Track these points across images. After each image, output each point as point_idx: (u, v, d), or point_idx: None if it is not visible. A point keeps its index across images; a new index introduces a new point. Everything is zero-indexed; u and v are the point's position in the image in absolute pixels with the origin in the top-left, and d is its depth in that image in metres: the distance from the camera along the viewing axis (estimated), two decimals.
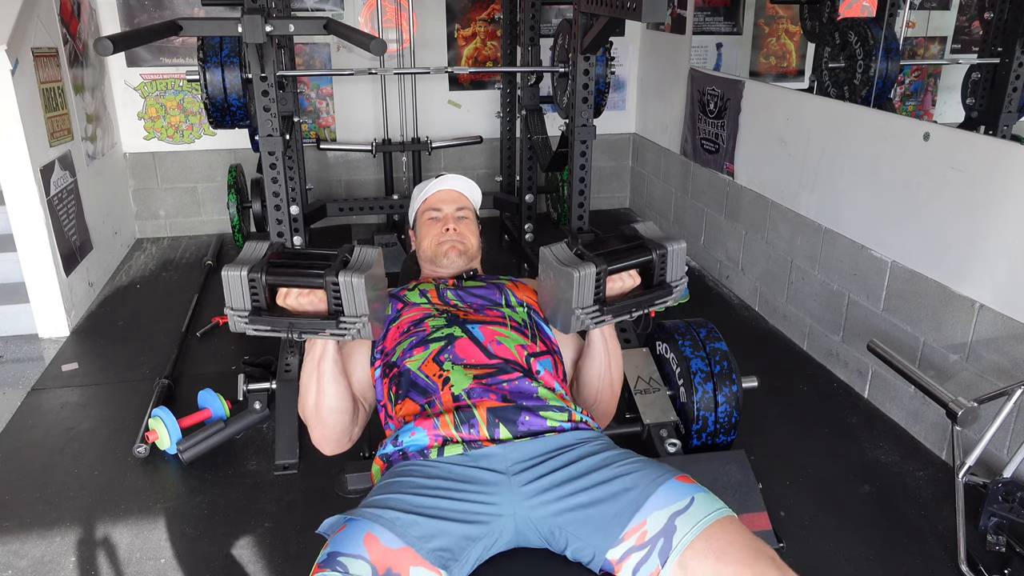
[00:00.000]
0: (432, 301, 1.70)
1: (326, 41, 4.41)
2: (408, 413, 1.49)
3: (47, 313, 3.33)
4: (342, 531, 1.25)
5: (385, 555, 1.21)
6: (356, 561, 1.19)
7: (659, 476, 1.32)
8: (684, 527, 1.22)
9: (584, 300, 1.47)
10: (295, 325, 1.38)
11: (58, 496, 2.31)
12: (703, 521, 1.23)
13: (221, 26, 2.68)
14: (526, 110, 3.67)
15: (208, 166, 4.56)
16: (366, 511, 1.29)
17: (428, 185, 1.96)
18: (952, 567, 2.02)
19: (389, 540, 1.22)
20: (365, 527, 1.24)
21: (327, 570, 1.18)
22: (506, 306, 1.70)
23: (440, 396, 1.47)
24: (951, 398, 2.03)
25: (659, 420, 2.28)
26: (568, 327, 1.55)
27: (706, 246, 4.04)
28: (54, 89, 3.43)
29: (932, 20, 3.77)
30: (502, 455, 1.37)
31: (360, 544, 1.21)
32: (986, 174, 2.26)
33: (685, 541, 1.21)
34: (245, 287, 1.34)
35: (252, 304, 1.37)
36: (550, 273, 1.52)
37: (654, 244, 1.51)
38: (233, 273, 1.34)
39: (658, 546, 1.22)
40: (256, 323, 1.37)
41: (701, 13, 4.06)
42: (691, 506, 1.25)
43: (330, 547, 1.23)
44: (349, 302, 1.35)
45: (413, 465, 1.39)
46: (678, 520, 1.24)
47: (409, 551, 1.22)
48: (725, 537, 1.22)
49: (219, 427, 2.49)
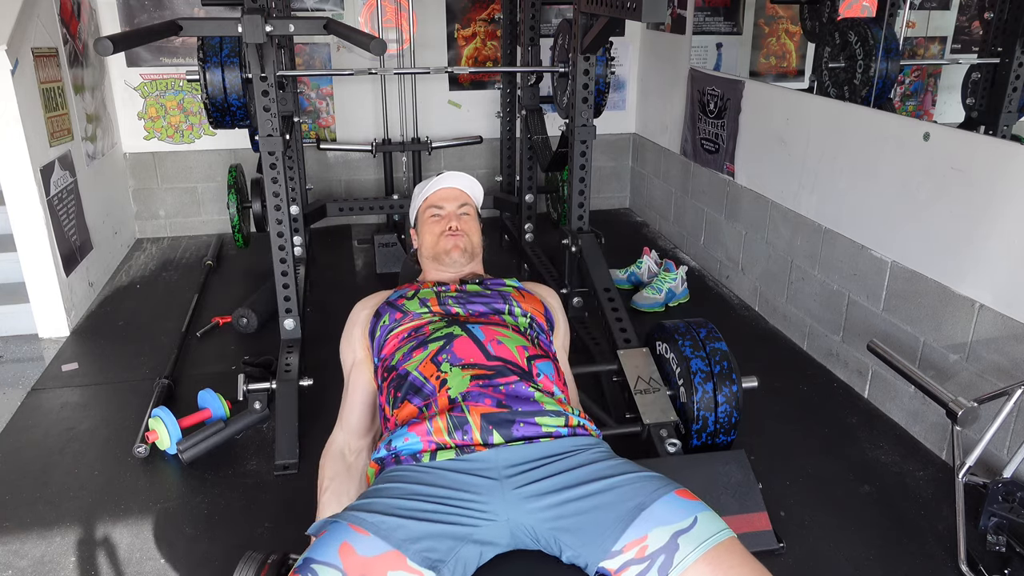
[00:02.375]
0: (433, 310, 1.69)
1: (326, 41, 4.41)
2: (407, 417, 1.48)
3: (47, 313, 3.33)
4: (321, 536, 1.26)
5: (361, 564, 1.21)
6: (328, 569, 1.19)
7: (658, 488, 1.31)
8: (687, 547, 1.22)
9: None
10: None
11: (58, 496, 2.31)
12: (707, 542, 1.23)
13: (221, 26, 2.68)
14: (526, 110, 3.68)
15: (208, 166, 4.56)
16: (350, 514, 1.29)
17: (430, 183, 1.95)
18: (952, 567, 2.02)
19: (368, 547, 1.22)
20: (343, 535, 1.24)
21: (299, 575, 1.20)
22: (508, 314, 1.69)
23: (436, 399, 1.46)
24: (951, 398, 2.03)
25: (659, 420, 2.28)
26: None
27: (706, 246, 4.04)
28: (54, 89, 3.43)
29: (932, 20, 3.77)
30: (494, 459, 1.36)
31: (335, 553, 1.22)
32: (986, 174, 2.26)
33: (688, 561, 1.21)
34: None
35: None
36: None
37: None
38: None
39: (658, 562, 1.22)
40: None
41: (701, 13, 4.06)
42: (695, 526, 1.25)
43: (308, 552, 1.24)
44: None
45: (405, 470, 1.39)
46: (681, 539, 1.23)
47: (394, 554, 1.22)
48: (728, 560, 1.22)
49: (219, 427, 2.49)
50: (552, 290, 1.92)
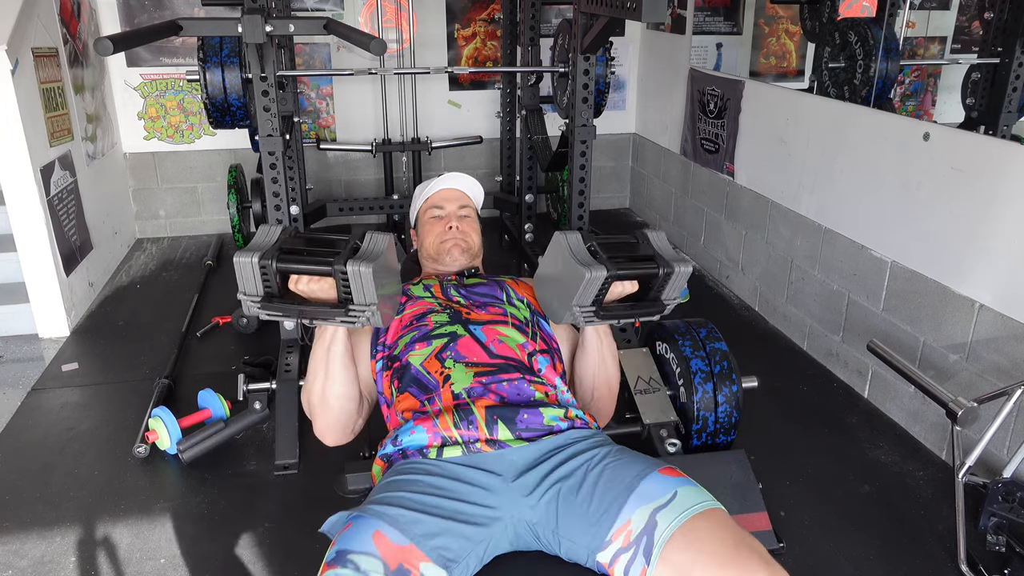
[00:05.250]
0: (436, 296, 1.71)
1: (326, 41, 4.41)
2: (407, 408, 1.50)
3: (47, 313, 3.33)
4: (349, 529, 1.25)
5: (395, 552, 1.20)
6: (366, 558, 1.18)
7: (642, 470, 1.30)
8: (664, 522, 1.21)
9: (584, 300, 1.47)
10: (304, 312, 1.40)
11: (58, 496, 2.31)
12: (684, 514, 1.21)
13: (221, 26, 2.68)
14: (526, 110, 3.67)
15: (208, 166, 4.56)
16: (371, 508, 1.29)
17: (430, 184, 1.96)
18: (952, 567, 2.02)
19: (396, 537, 1.22)
20: (373, 524, 1.24)
21: (337, 567, 1.18)
22: (508, 303, 1.70)
23: (440, 393, 1.48)
24: (951, 398, 2.02)
25: (659, 420, 2.28)
26: (559, 319, 1.56)
27: (706, 246, 4.04)
28: (54, 89, 3.43)
29: (932, 20, 3.77)
30: (500, 459, 1.37)
31: (369, 541, 1.21)
32: (986, 174, 2.26)
33: (665, 536, 1.19)
34: (257, 273, 1.35)
35: (264, 290, 1.37)
36: (558, 261, 1.52)
37: (664, 262, 1.51)
38: (244, 259, 1.34)
39: (642, 544, 1.21)
40: (267, 308, 1.38)
41: (701, 13, 4.06)
42: (673, 500, 1.24)
43: (338, 545, 1.22)
44: (358, 290, 1.36)
45: (413, 464, 1.40)
46: (659, 515, 1.22)
47: (413, 548, 1.22)
48: (706, 529, 1.19)
49: (219, 427, 2.49)
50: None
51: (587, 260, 1.46)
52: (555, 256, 1.54)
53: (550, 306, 1.61)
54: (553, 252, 1.55)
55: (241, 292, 1.38)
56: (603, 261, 1.46)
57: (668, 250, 1.55)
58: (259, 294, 1.38)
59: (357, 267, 1.33)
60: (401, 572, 1.19)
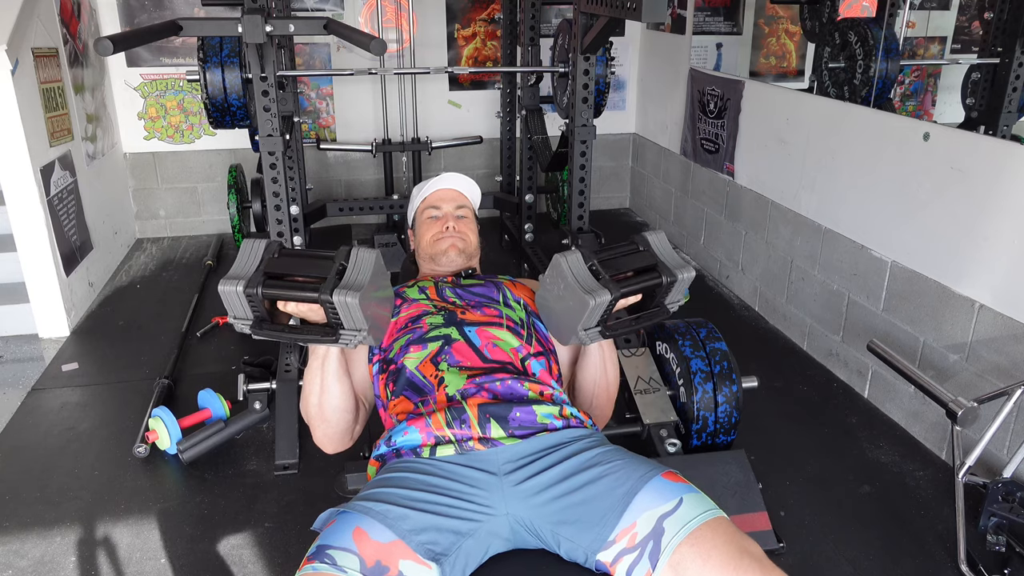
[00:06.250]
0: (431, 297, 1.71)
1: (326, 41, 4.41)
2: (402, 411, 1.51)
3: (47, 313, 3.33)
4: (332, 525, 1.27)
5: (375, 548, 1.22)
6: (344, 554, 1.21)
7: (645, 473, 1.31)
8: (672, 530, 1.22)
9: (590, 323, 1.47)
10: (297, 337, 1.41)
11: (58, 496, 2.31)
12: (690, 524, 1.22)
13: (221, 26, 2.68)
14: (526, 110, 3.68)
15: (208, 166, 4.56)
16: (357, 504, 1.30)
17: (428, 184, 1.96)
18: (952, 567, 2.02)
19: (379, 533, 1.24)
20: (355, 521, 1.26)
21: (315, 562, 1.20)
22: (503, 304, 1.70)
23: (435, 396, 1.48)
24: (951, 398, 2.02)
25: (659, 420, 2.28)
26: (566, 341, 1.57)
27: (706, 246, 4.04)
28: (54, 89, 3.43)
29: (932, 20, 3.77)
30: (494, 456, 1.37)
31: (348, 537, 1.23)
32: (986, 174, 2.26)
33: (673, 544, 1.21)
34: (244, 301, 1.35)
35: (253, 315, 1.38)
36: (560, 285, 1.51)
37: (667, 271, 1.51)
38: (229, 289, 1.33)
39: (648, 548, 1.22)
40: (259, 332, 1.39)
41: (701, 13, 4.06)
42: (679, 508, 1.25)
43: (320, 540, 1.25)
44: (347, 318, 1.36)
45: (406, 462, 1.41)
46: (666, 522, 1.23)
47: (399, 544, 1.23)
48: (712, 539, 1.21)
49: (219, 427, 2.49)
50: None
51: (590, 285, 1.45)
52: (556, 281, 1.53)
53: (556, 330, 1.61)
54: (554, 276, 1.54)
55: (231, 316, 1.39)
56: (606, 283, 1.45)
57: (670, 254, 1.55)
58: (248, 318, 1.38)
59: (344, 298, 1.32)
60: (379, 568, 1.20)
